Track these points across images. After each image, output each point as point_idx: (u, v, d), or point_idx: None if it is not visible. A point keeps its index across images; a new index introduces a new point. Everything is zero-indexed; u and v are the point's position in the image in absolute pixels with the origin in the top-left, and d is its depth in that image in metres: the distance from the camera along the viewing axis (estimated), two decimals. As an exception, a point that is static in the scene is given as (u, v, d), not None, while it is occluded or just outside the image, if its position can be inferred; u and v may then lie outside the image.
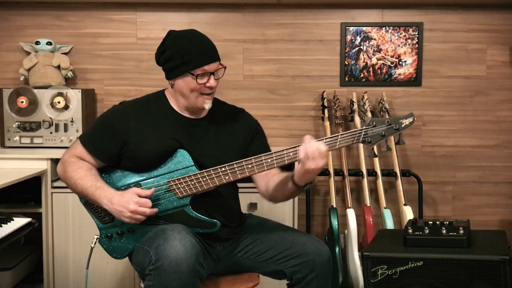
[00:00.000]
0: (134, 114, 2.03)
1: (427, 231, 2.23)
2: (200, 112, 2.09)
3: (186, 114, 2.08)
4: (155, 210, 1.94)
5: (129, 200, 1.89)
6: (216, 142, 2.07)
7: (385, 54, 3.34)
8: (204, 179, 1.94)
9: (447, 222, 2.27)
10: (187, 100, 2.02)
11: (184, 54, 1.96)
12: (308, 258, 1.98)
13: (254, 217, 2.23)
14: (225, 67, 2.03)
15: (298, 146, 1.87)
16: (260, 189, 2.13)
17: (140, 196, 1.91)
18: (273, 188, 2.05)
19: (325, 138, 1.88)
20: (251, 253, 2.08)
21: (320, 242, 2.05)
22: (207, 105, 2.02)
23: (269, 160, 1.90)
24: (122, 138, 2.00)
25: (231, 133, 2.12)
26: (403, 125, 1.90)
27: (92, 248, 2.06)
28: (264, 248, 2.06)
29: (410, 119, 1.91)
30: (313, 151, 1.81)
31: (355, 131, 1.89)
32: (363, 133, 1.89)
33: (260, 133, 2.19)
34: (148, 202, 1.91)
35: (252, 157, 1.91)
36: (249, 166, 1.91)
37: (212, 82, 1.99)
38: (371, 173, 3.16)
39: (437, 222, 2.28)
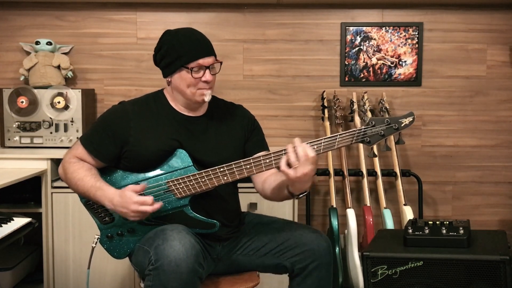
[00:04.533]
0: (134, 113, 2.03)
1: (427, 231, 2.23)
2: (199, 108, 2.09)
3: (185, 112, 2.08)
4: (159, 205, 1.91)
5: (128, 201, 1.88)
6: (216, 139, 2.07)
7: (385, 54, 3.34)
8: (203, 180, 1.93)
9: (447, 222, 2.27)
10: (185, 96, 2.02)
11: (178, 48, 1.96)
12: (307, 248, 1.98)
13: (251, 215, 2.23)
14: (221, 62, 2.03)
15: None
16: (256, 187, 2.14)
17: (137, 192, 1.91)
18: (269, 190, 2.05)
19: (324, 138, 1.87)
20: (250, 249, 2.08)
21: (318, 231, 2.06)
22: (207, 97, 2.00)
23: (267, 161, 1.89)
24: (122, 138, 2.00)
25: (230, 129, 2.12)
26: (402, 125, 1.88)
27: (93, 248, 2.06)
28: (262, 243, 2.06)
29: (410, 118, 1.88)
30: (301, 156, 1.78)
31: (354, 130, 1.88)
32: (362, 132, 1.87)
33: (257, 129, 2.20)
34: (148, 200, 1.89)
35: (251, 158, 1.90)
36: (248, 166, 1.90)
37: (207, 76, 1.97)
38: (371, 173, 3.16)
39: (437, 222, 2.28)
